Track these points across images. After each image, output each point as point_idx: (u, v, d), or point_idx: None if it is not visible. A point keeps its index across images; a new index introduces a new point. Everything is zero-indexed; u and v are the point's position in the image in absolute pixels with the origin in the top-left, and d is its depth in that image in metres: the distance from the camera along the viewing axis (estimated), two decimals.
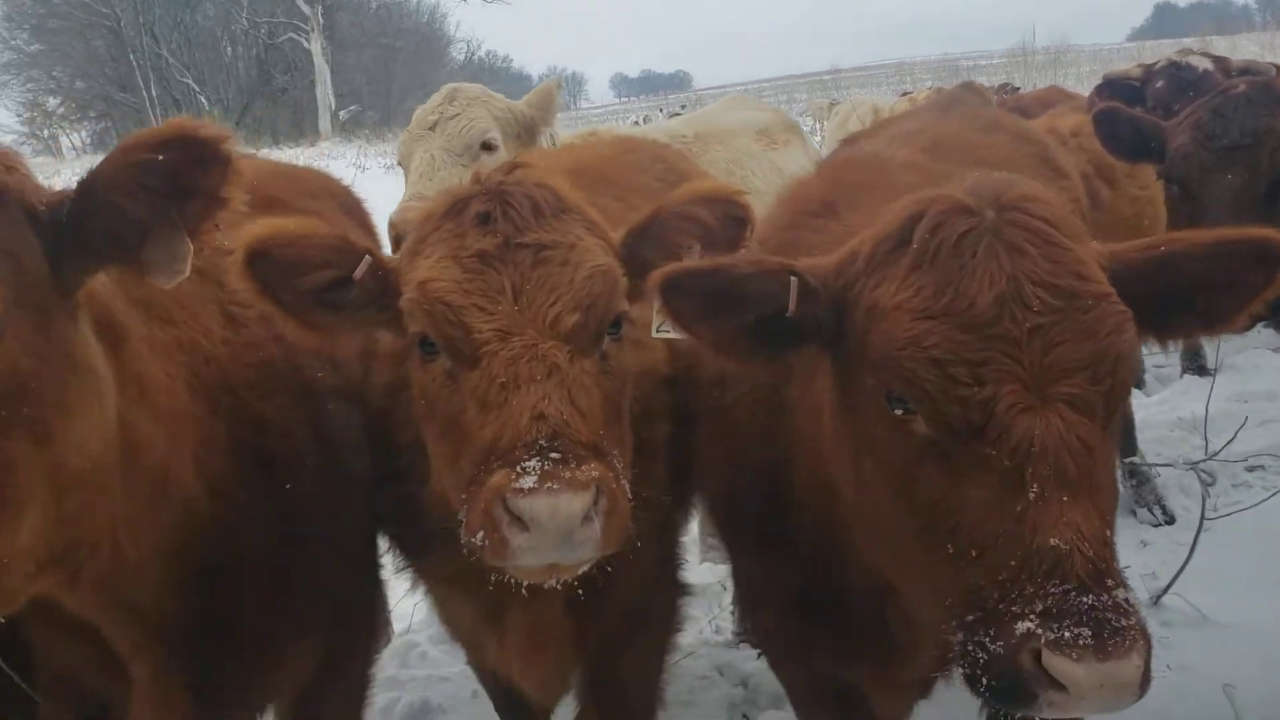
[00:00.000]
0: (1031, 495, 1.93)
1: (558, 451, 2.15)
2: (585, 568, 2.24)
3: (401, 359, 2.87)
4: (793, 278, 2.29)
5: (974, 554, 1.98)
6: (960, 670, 2.00)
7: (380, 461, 3.00)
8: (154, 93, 52.78)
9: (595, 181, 3.45)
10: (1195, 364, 8.12)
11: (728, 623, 5.51)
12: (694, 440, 3.14)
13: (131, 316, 2.47)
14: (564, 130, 7.27)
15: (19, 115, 57.64)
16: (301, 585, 2.78)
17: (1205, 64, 6.42)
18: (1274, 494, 5.52)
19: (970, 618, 1.97)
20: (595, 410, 2.33)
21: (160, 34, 53.94)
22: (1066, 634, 1.82)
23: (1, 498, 1.99)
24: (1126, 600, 1.89)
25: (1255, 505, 5.48)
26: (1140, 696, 1.86)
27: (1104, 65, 14.63)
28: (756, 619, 3.21)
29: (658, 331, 2.69)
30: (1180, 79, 6.31)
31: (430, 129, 5.78)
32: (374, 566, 3.31)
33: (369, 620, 3.30)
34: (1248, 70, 6.13)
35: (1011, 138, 3.84)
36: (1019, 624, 1.87)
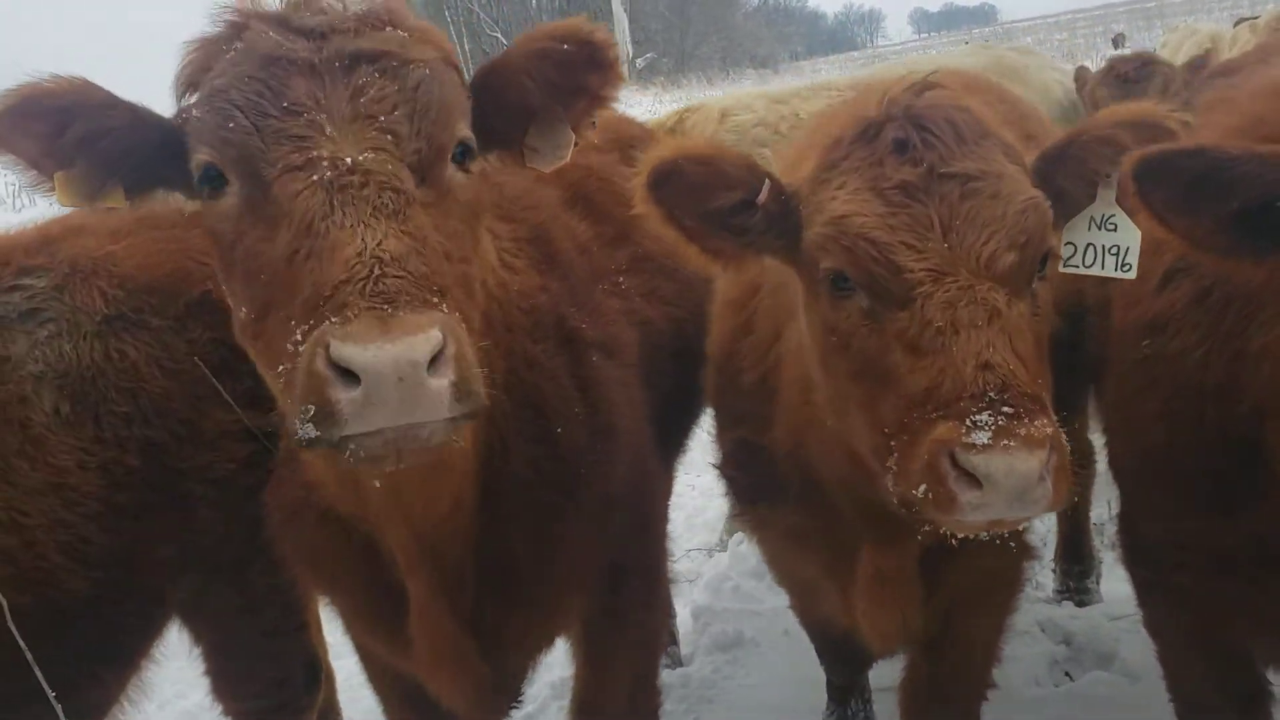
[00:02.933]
0: None
1: (1010, 406, 2.03)
2: (1027, 523, 2.16)
3: (743, 304, 2.87)
4: None
5: None
6: None
7: (722, 406, 3.00)
8: (466, 47, 55.74)
9: None
10: None
11: (1048, 579, 5.34)
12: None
13: None
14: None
15: None
16: (567, 533, 2.80)
17: None
18: None
19: None
20: (1034, 358, 2.19)
21: None
22: None
23: (470, 291, 2.16)
24: None
25: None
26: None
27: None
28: (1163, 581, 3.01)
29: (1064, 266, 2.53)
30: None
31: None
32: (649, 532, 3.29)
33: (645, 585, 3.28)
34: None
35: None
36: None
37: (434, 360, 1.80)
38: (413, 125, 2.10)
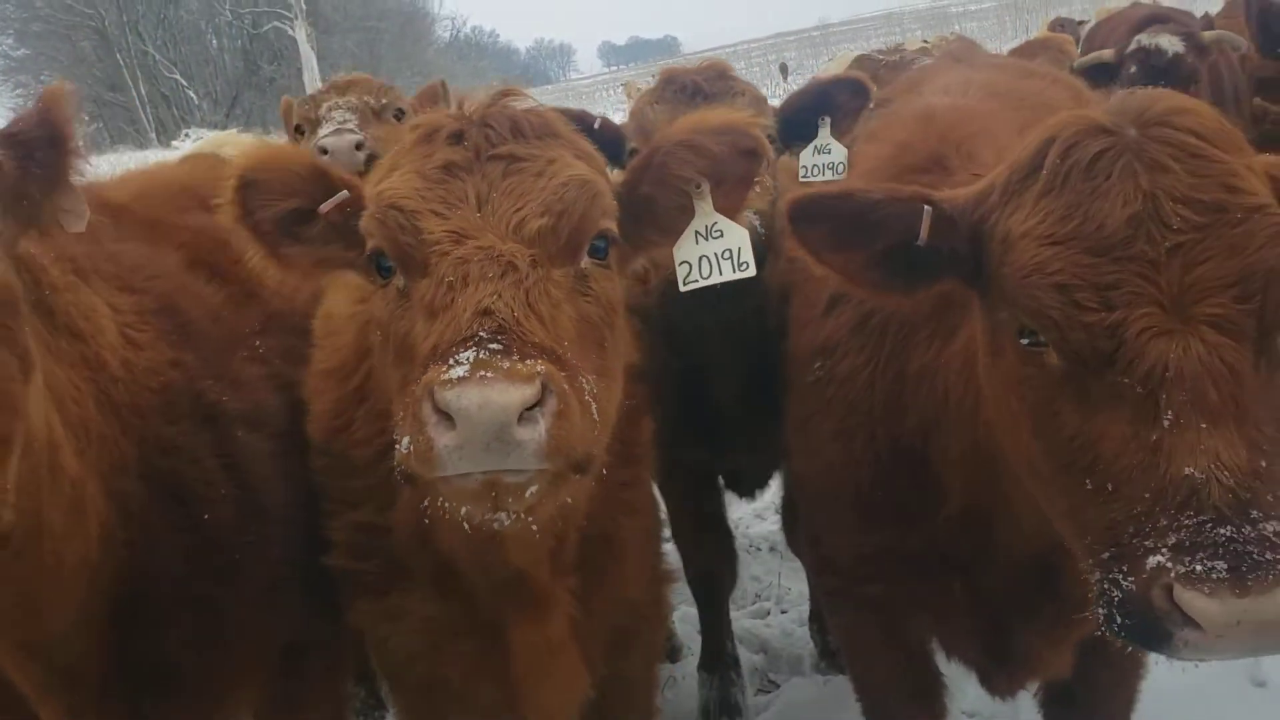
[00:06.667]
0: (1166, 424, 1.84)
1: (499, 342, 1.85)
2: (534, 490, 1.86)
3: (351, 370, 2.71)
4: (926, 207, 2.21)
5: (1109, 488, 1.90)
6: (1097, 610, 1.93)
7: (334, 489, 2.77)
8: (143, 90, 52.30)
9: None
10: None
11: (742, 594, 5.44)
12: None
13: (32, 319, 2.32)
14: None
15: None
16: (231, 623, 2.65)
17: (1176, 46, 6.55)
18: None
19: (1105, 555, 1.90)
20: (561, 323, 2.02)
21: (145, 31, 53.25)
22: (1199, 567, 1.73)
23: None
24: (1276, 533, 1.75)
25: None
26: None
27: (1096, 3, 14.33)
28: (850, 591, 3.07)
29: (684, 284, 2.54)
30: (1151, 66, 6.48)
31: None
32: (326, 604, 3.06)
33: (327, 661, 3.11)
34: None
35: (1048, 83, 3.69)
36: (1150, 559, 1.79)
37: None
38: None
